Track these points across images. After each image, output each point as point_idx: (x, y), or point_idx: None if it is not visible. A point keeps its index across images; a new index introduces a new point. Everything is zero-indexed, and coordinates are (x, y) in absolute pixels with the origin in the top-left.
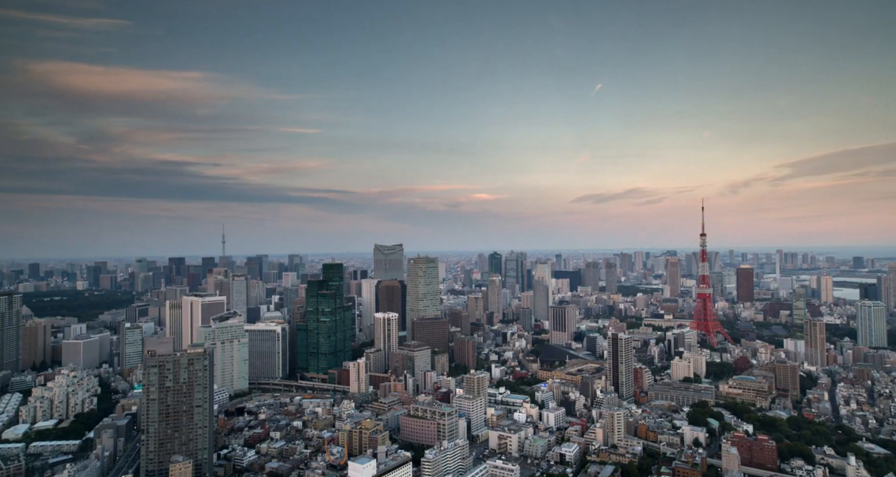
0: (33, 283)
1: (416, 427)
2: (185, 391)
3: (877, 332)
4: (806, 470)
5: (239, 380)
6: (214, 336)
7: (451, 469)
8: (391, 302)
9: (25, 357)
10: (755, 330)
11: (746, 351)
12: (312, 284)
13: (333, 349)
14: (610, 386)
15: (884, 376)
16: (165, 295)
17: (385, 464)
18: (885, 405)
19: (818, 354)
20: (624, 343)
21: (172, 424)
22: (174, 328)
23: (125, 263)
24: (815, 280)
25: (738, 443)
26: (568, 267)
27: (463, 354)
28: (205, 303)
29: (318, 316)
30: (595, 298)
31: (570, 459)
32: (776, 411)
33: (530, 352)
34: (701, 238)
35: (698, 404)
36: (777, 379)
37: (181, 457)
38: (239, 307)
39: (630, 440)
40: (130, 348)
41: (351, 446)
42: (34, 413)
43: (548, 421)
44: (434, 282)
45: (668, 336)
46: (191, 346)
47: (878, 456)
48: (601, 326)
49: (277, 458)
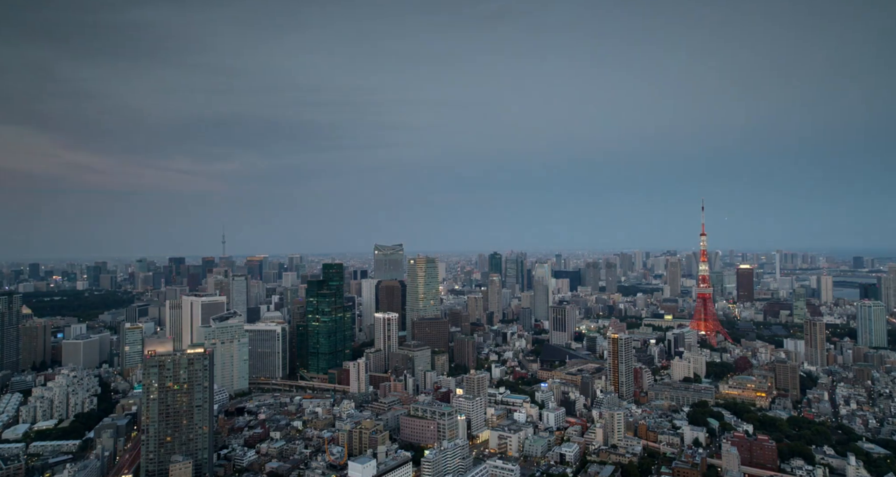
0: (33, 283)
1: (416, 427)
2: (185, 391)
3: (877, 332)
4: (806, 470)
5: (239, 380)
6: (214, 336)
7: (450, 469)
8: (391, 302)
9: (25, 357)
10: (755, 330)
11: (746, 351)
12: (312, 284)
13: (333, 349)
14: (610, 386)
15: (884, 376)
16: (165, 295)
17: (385, 464)
18: (885, 405)
19: (818, 354)
20: (624, 343)
21: (172, 424)
22: (174, 328)
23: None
24: (815, 280)
25: (738, 443)
26: (568, 267)
27: (463, 354)
28: (205, 303)
29: (318, 316)
30: (595, 298)
31: (570, 459)
32: (776, 411)
33: (530, 352)
34: (701, 238)
35: (698, 404)
36: (777, 379)
37: (181, 457)
38: (239, 307)
39: (630, 440)
40: (130, 348)
41: (351, 446)
42: (34, 413)
43: (548, 421)
44: (434, 282)
45: (668, 336)
46: (191, 345)
47: (878, 456)
48: (601, 326)
49: (277, 458)
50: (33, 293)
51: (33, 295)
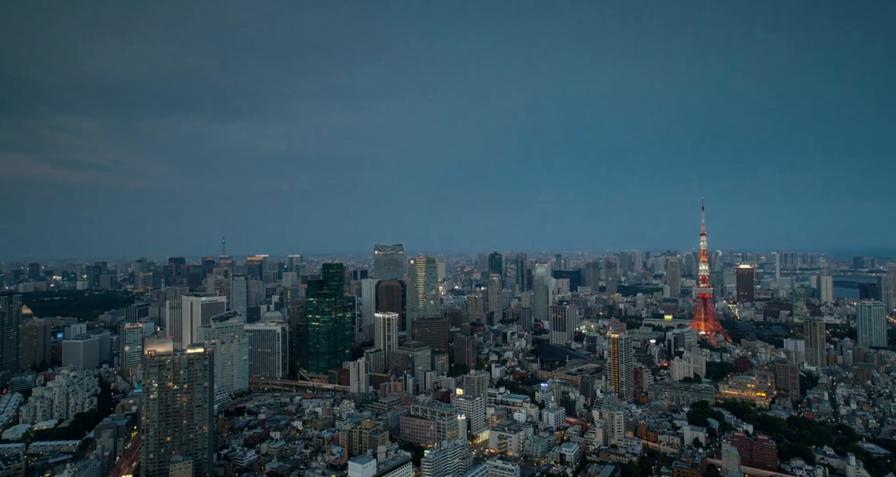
0: (33, 283)
1: (416, 427)
2: (185, 391)
3: (877, 332)
4: (806, 470)
5: (239, 380)
6: (214, 336)
7: (450, 469)
8: (391, 302)
9: (25, 357)
10: (755, 330)
11: (746, 351)
12: (312, 284)
13: (333, 349)
14: (610, 386)
15: (884, 376)
16: (165, 295)
17: (385, 464)
18: (885, 405)
19: (818, 353)
20: (624, 343)
21: (172, 424)
22: (174, 328)
23: (125, 263)
24: (815, 280)
25: (738, 443)
26: (568, 267)
27: (463, 353)
28: (205, 303)
29: (318, 316)
30: (595, 298)
31: (570, 459)
32: (776, 411)
33: (530, 352)
34: (701, 238)
35: (698, 404)
36: (777, 379)
37: (181, 457)
38: (239, 307)
39: (630, 440)
40: (130, 348)
41: (351, 446)
42: (34, 413)
43: (548, 421)
44: (434, 282)
45: (668, 336)
46: (191, 345)
47: (878, 456)
48: (601, 326)
49: (277, 458)
50: (33, 293)
51: (33, 295)
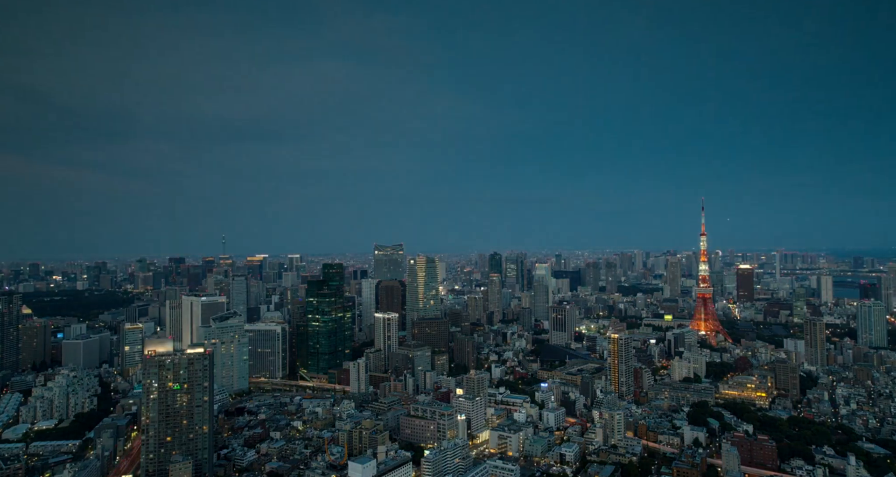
0: (33, 283)
1: (416, 427)
2: (185, 391)
3: (877, 332)
4: (806, 470)
5: (239, 380)
6: (214, 336)
7: (450, 469)
8: (391, 302)
9: (25, 357)
10: (755, 330)
11: (746, 351)
12: (312, 284)
13: (333, 349)
14: (610, 386)
15: (884, 376)
16: (165, 295)
17: (385, 464)
18: (885, 405)
19: (818, 353)
20: (624, 343)
21: (172, 424)
22: (174, 328)
23: (125, 263)
24: (815, 280)
25: (738, 443)
26: (568, 267)
27: (463, 353)
28: (205, 303)
29: (318, 316)
30: (595, 298)
31: (570, 459)
32: (776, 411)
33: (530, 352)
34: (701, 238)
35: (698, 404)
36: (777, 379)
37: (181, 457)
38: (239, 307)
39: (630, 440)
40: (130, 348)
41: (351, 446)
42: (34, 413)
43: (548, 421)
44: (434, 282)
45: (668, 336)
46: (191, 345)
47: (878, 456)
48: (601, 326)
49: (277, 458)
50: (33, 293)
51: (33, 295)
